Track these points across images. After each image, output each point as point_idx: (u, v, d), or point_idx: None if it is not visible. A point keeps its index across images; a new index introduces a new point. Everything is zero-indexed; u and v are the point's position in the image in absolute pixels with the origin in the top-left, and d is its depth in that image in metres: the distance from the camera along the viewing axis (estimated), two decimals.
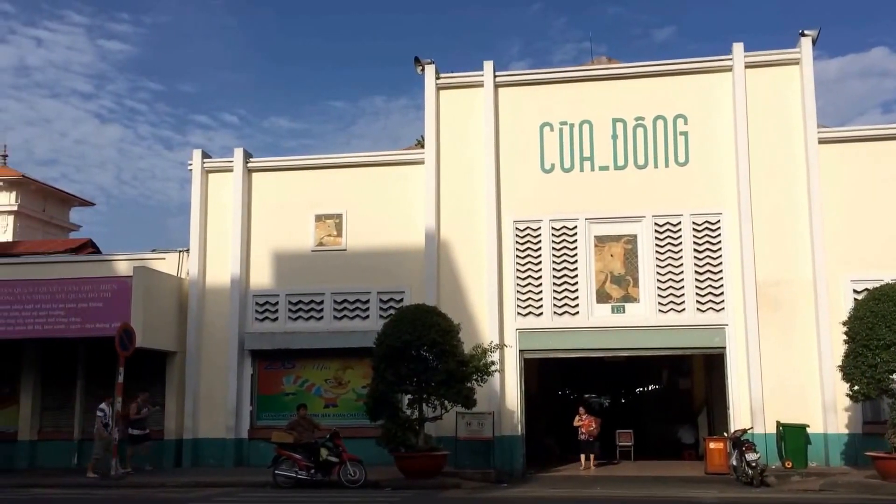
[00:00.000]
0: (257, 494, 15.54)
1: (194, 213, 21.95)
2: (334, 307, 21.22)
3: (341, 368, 21.23)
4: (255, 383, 21.40)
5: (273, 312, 21.46)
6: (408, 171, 21.40)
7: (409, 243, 20.89)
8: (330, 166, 21.90)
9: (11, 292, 19.94)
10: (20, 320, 19.80)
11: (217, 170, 22.20)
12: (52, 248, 27.58)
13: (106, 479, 17.66)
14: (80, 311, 19.69)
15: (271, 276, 21.65)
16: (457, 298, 20.18)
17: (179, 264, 21.98)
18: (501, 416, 19.48)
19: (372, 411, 17.50)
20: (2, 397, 22.27)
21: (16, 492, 16.75)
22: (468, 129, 20.95)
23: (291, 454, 16.71)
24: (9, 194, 40.87)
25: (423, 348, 17.13)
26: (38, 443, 21.73)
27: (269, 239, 21.74)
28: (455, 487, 16.37)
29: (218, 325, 21.33)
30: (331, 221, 21.53)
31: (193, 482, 17.47)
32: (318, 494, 15.25)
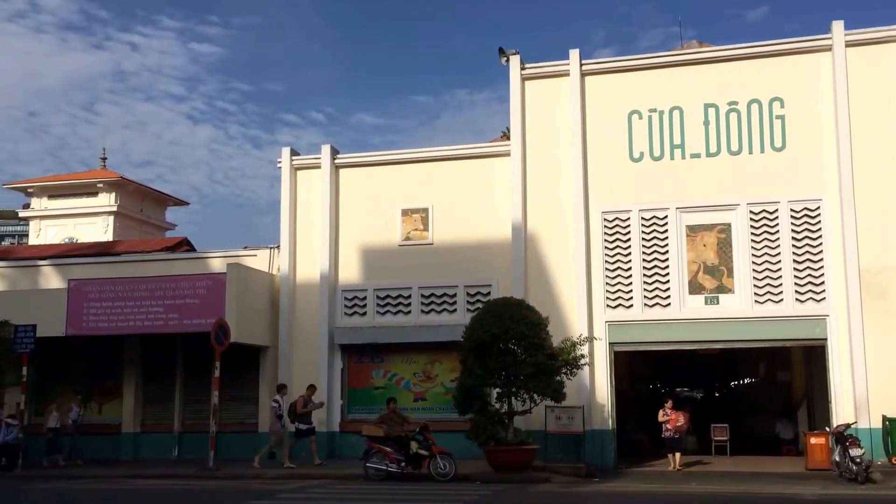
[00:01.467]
0: (349, 487, 15.80)
1: (284, 210, 22.46)
2: (422, 301, 21.39)
3: (429, 362, 21.40)
4: (345, 377, 21.79)
5: (362, 307, 21.78)
6: (493, 164, 21.38)
7: (496, 236, 20.87)
8: (416, 161, 22.07)
9: (114, 290, 20.80)
10: (122, 317, 20.64)
11: (305, 167, 22.65)
12: (150, 247, 28.71)
13: (205, 470, 18.28)
14: (178, 308, 20.40)
15: (359, 271, 21.97)
16: (544, 291, 20.05)
17: (270, 260, 22.55)
18: (591, 409, 19.28)
19: (461, 405, 17.59)
20: (106, 391, 23.29)
21: (120, 482, 17.55)
22: (554, 119, 20.77)
23: (382, 447, 16.94)
24: (108, 195, 42.76)
25: (512, 342, 17.10)
26: (140, 435, 22.66)
27: (356, 234, 22.06)
28: (545, 482, 16.30)
29: (308, 320, 21.79)
30: (417, 216, 21.70)
31: (287, 474, 17.91)
32: (408, 487, 15.40)
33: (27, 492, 16.01)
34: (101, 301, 20.73)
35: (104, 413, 23.18)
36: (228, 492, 15.19)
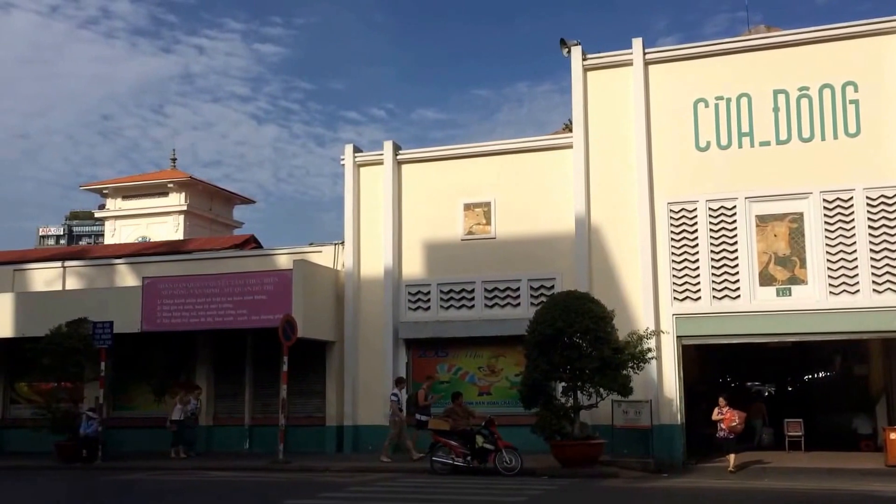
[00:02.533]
0: (416, 480, 15.88)
1: (348, 206, 22.68)
2: (485, 295, 21.36)
3: (494, 356, 21.37)
4: (410, 371, 21.91)
5: (425, 302, 21.87)
6: (556, 156, 21.21)
7: (559, 229, 20.70)
8: (477, 155, 22.03)
9: (186, 287, 21.32)
10: (194, 313, 21.13)
11: (368, 163, 22.82)
12: (219, 245, 29.31)
13: (276, 463, 18.61)
14: (247, 304, 20.78)
15: (423, 266, 22.05)
16: (609, 284, 19.81)
17: (335, 256, 22.81)
18: (659, 404, 18.97)
19: (526, 399, 17.52)
20: (179, 385, 23.83)
21: (195, 473, 18.00)
22: (617, 109, 20.48)
23: (448, 441, 16.98)
24: (179, 195, 43.85)
25: (577, 335, 16.95)
26: (213, 428, 23.19)
27: (419, 229, 22.14)
28: (613, 476, 16.13)
29: (373, 315, 21.97)
30: (479, 210, 21.67)
31: (354, 467, 18.12)
32: (474, 481, 15.41)
33: (105, 482, 16.55)
34: (174, 298, 21.26)
35: None
36: (299, 484, 15.43)
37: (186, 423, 21.25)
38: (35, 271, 25.30)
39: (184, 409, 21.17)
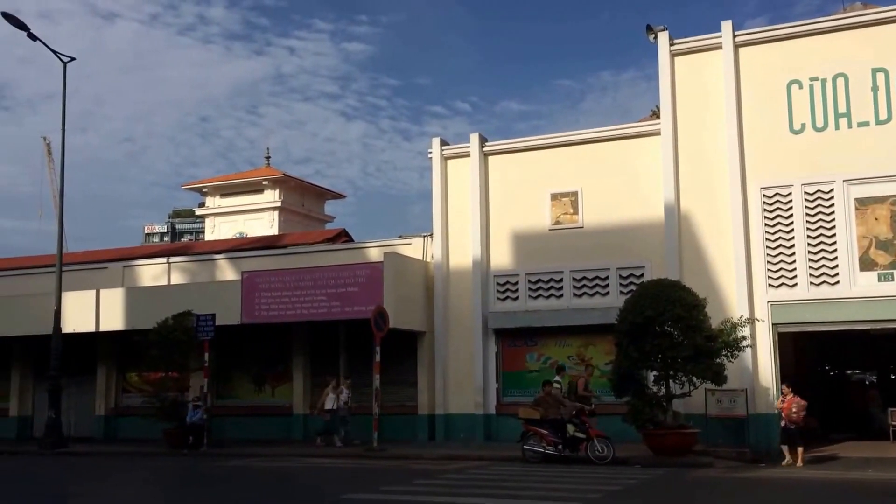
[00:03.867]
0: (508, 468, 15.86)
1: (436, 198, 22.78)
2: (573, 285, 21.14)
3: (583, 345, 21.14)
4: (500, 361, 21.89)
5: (514, 292, 21.79)
6: (643, 144, 20.79)
7: (648, 217, 20.29)
8: (563, 144, 21.78)
9: (281, 280, 21.83)
10: (290, 305, 21.62)
11: (455, 156, 22.86)
12: (312, 239, 29.93)
13: (370, 450, 18.90)
14: (340, 296, 21.13)
15: (510, 257, 21.98)
16: (700, 272, 19.31)
17: (424, 248, 22.96)
18: (755, 392, 18.40)
19: (617, 388, 17.28)
20: (278, 375, 24.52)
21: (294, 460, 18.45)
22: (706, 94, 19.91)
23: (539, 430, 16.89)
24: (273, 192, 44.91)
25: (668, 324, 16.60)
26: (309, 416, 23.68)
27: (506, 220, 22.07)
28: (708, 466, 15.74)
29: (462, 306, 22.03)
30: (566, 199, 21.44)
31: (446, 455, 18.22)
32: (567, 470, 15.28)
33: (212, 467, 17.14)
34: (271, 291, 21.79)
35: (276, 395, 24.42)
36: (394, 471, 15.62)
37: (339, 413, 21.02)
38: (142, 267, 26.36)
39: (337, 398, 21.00)
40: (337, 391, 21.14)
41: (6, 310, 24.90)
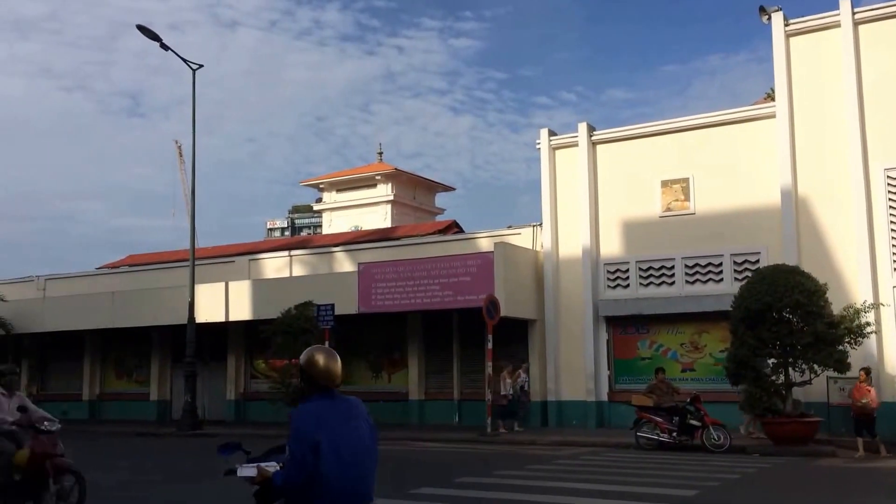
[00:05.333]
0: (622, 455, 15.62)
1: (544, 188, 22.58)
2: (685, 271, 20.54)
3: (697, 332, 20.52)
4: (611, 348, 21.54)
5: (624, 279, 21.38)
6: (757, 127, 19.96)
7: (763, 202, 19.47)
8: (673, 131, 21.16)
9: (395, 271, 22.15)
10: (404, 295, 21.90)
11: (563, 146, 22.59)
12: (424, 231, 30.25)
13: (484, 435, 18.97)
14: (452, 285, 21.26)
15: (620, 244, 21.56)
16: (820, 257, 18.39)
17: (534, 238, 22.81)
18: (881, 380, 17.37)
19: (733, 375, 16.68)
20: (394, 362, 24.94)
21: (409, 444, 18.72)
22: (824, 74, 18.90)
23: (652, 417, 16.54)
24: (385, 186, 45.65)
25: (786, 310, 15.90)
26: (424, 402, 24.00)
27: (616, 208, 21.65)
28: (831, 455, 15.00)
29: (572, 294, 21.78)
30: (677, 186, 20.83)
31: (560, 441, 18.09)
32: (682, 457, 14.89)
33: None
34: (386, 281, 22.15)
35: (393, 382, 24.85)
36: (507, 456, 15.62)
37: (517, 398, 20.61)
38: (266, 261, 27.31)
39: (514, 383, 20.56)
40: (514, 376, 20.68)
41: (146, 302, 26.33)
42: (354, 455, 4.20)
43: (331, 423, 4.20)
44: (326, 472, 4.08)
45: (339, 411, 4.29)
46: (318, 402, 4.30)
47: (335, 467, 4.11)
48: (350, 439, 4.21)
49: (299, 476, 4.13)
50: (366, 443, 4.28)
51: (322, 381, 4.33)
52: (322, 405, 4.27)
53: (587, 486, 11.10)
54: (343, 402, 4.36)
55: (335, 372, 4.35)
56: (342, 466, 4.13)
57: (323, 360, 4.36)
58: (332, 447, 4.13)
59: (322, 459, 4.09)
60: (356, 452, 4.21)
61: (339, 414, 4.27)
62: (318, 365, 4.33)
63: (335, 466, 4.11)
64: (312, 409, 4.26)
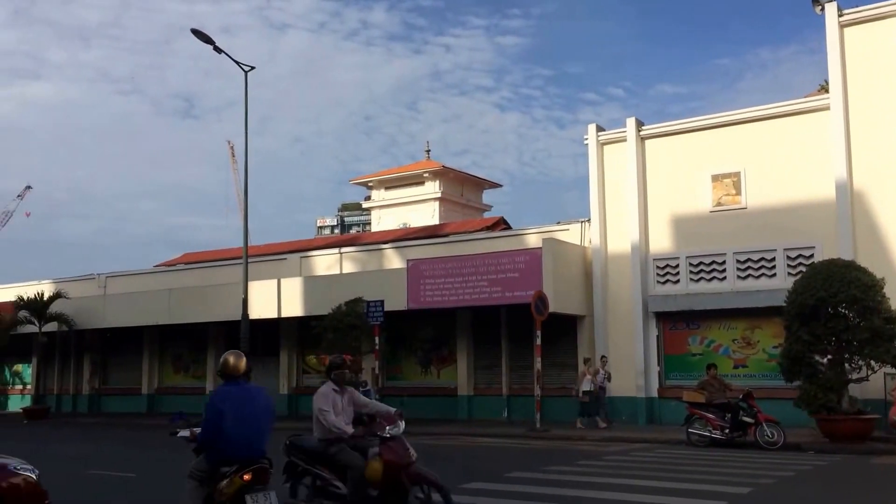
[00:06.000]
0: (672, 451, 15.39)
1: (592, 184, 22.37)
2: (737, 267, 20.17)
3: (749, 328, 20.14)
4: (661, 344, 21.26)
5: (674, 275, 21.07)
6: (810, 120, 19.50)
7: (816, 195, 19.02)
8: (724, 125, 20.79)
9: (444, 267, 22.18)
10: (453, 291, 21.92)
11: (611, 141, 22.36)
12: (472, 228, 30.23)
13: (533, 431, 18.89)
14: (500, 282, 21.20)
15: (670, 240, 21.26)
16: (876, 251, 17.89)
17: (582, 234, 22.62)
18: None
19: (787, 372, 16.32)
20: (443, 358, 24.99)
21: (460, 439, 18.73)
22: (880, 65, 18.38)
23: (704, 413, 16.27)
24: (433, 183, 45.72)
25: (841, 305, 15.49)
26: (473, 397, 24.00)
27: (665, 203, 21.35)
28: (889, 454, 14.55)
29: (621, 289, 21.55)
30: (728, 180, 20.46)
31: (609, 437, 17.92)
32: (735, 454, 14.62)
33: None
34: (435, 278, 22.19)
35: (442, 377, 24.90)
36: (557, 451, 15.53)
37: (596, 394, 20.18)
38: (317, 258, 27.58)
39: (593, 379, 20.16)
40: (592, 371, 20.28)
41: (201, 298, 26.83)
42: (247, 420, 6.40)
43: (233, 399, 6.42)
44: (227, 429, 6.30)
45: (241, 393, 6.51)
46: (227, 386, 6.56)
47: (233, 427, 6.32)
48: (245, 410, 6.42)
49: (210, 434, 6.40)
50: (258, 414, 6.50)
51: (230, 374, 6.60)
52: (228, 388, 6.55)
53: (639, 483, 10.96)
54: (245, 387, 6.61)
55: (239, 368, 6.62)
56: (238, 427, 6.34)
57: (231, 360, 6.63)
58: (232, 415, 6.33)
59: (225, 422, 6.30)
60: (249, 419, 6.41)
61: (240, 394, 6.50)
62: (228, 364, 6.61)
63: (233, 426, 6.32)
64: (222, 390, 6.54)
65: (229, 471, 6.35)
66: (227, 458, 6.37)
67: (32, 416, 28.43)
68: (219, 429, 6.32)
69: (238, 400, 6.43)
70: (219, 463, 6.42)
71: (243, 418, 6.38)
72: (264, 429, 6.54)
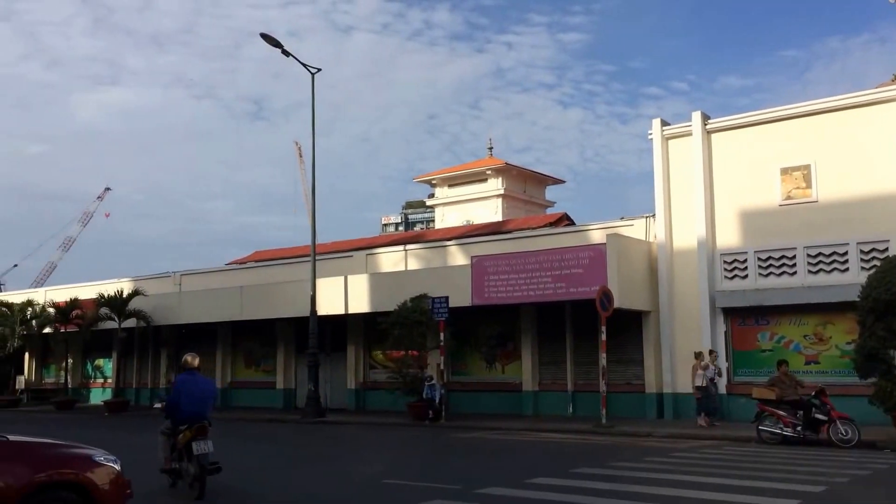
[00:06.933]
0: (742, 449, 15.07)
1: (657, 179, 22.02)
2: (808, 261, 19.60)
3: (821, 324, 19.55)
4: (730, 340, 20.81)
5: (742, 270, 20.60)
6: (883, 111, 18.91)
7: (890, 188, 18.41)
8: (792, 116, 20.21)
9: (508, 264, 22.12)
10: (517, 287, 21.83)
11: (676, 135, 21.97)
12: (535, 224, 30.09)
13: (599, 427, 18.71)
14: (564, 277, 21.04)
15: (738, 234, 20.79)
16: None
17: (647, 229, 22.29)
18: None
19: (861, 369, 15.83)
20: (507, 353, 24.94)
21: (527, 434, 18.72)
22: None
23: (775, 410, 15.89)
24: (496, 180, 45.66)
25: None
26: (538, 393, 23.89)
27: (732, 197, 20.88)
28: None
29: (687, 285, 21.17)
30: (798, 173, 19.89)
31: (677, 433, 17.64)
32: (807, 452, 14.23)
33: (452, 439, 17.83)
34: (499, 274, 22.15)
35: (506, 372, 24.86)
36: (624, 448, 15.38)
37: (708, 390, 19.09)
38: (382, 255, 27.83)
39: (704, 374, 19.06)
40: (703, 366, 19.15)
41: (271, 295, 27.36)
42: (195, 397, 10.19)
43: (187, 384, 10.26)
44: (182, 403, 10.12)
45: (192, 380, 10.36)
46: (183, 375, 10.48)
47: (186, 402, 10.12)
48: (195, 391, 10.21)
49: (172, 406, 10.28)
50: (203, 394, 10.30)
51: (186, 367, 10.51)
52: (185, 377, 10.43)
53: (708, 480, 10.78)
54: (195, 376, 10.45)
55: (192, 364, 10.52)
56: (189, 401, 10.13)
57: (188, 359, 10.59)
58: (186, 394, 10.14)
59: (181, 399, 10.13)
60: (196, 396, 10.20)
61: (192, 381, 10.34)
62: (186, 361, 10.59)
63: (186, 401, 10.12)
64: (180, 379, 10.51)
65: (184, 428, 10.13)
66: (182, 421, 10.17)
67: (113, 409, 29.47)
68: (177, 403, 10.24)
69: (190, 384, 10.33)
70: (177, 423, 10.28)
71: (192, 396, 10.22)
72: (207, 403, 10.38)
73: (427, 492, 10.04)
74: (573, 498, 9.58)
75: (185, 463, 10.09)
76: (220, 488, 10.49)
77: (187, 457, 10.02)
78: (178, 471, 10.28)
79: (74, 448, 7.37)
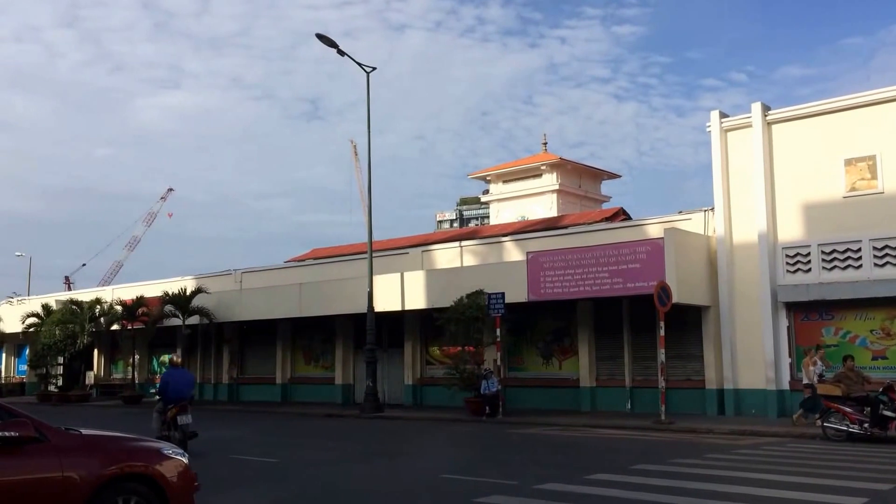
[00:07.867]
0: (807, 446, 14.70)
1: (716, 172, 21.60)
2: (874, 254, 19.01)
3: (888, 318, 18.95)
4: (792, 335, 20.31)
5: (805, 264, 20.08)
6: None
7: None
8: (856, 106, 19.60)
9: (564, 259, 21.98)
10: (573, 283, 21.67)
11: (735, 127, 21.52)
12: (591, 219, 29.83)
13: (659, 423, 18.49)
14: (621, 273, 20.80)
15: (800, 227, 20.27)
16: None
17: (705, 223, 21.89)
18: None
19: None
20: (564, 349, 24.80)
21: (585, 430, 18.59)
22: None
23: (840, 407, 15.47)
24: (551, 175, 45.41)
25: None
26: (596, 389, 23.69)
27: (794, 190, 20.37)
28: None
29: (748, 279, 20.73)
30: (863, 164, 19.29)
31: (738, 430, 17.31)
32: (875, 450, 13.82)
33: (509, 434, 17.83)
34: (555, 269, 22.02)
35: (563, 368, 24.72)
36: (683, 444, 15.18)
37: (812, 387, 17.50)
38: (438, 252, 27.93)
39: (814, 370, 17.77)
40: (813, 362, 17.93)
41: (329, 292, 27.71)
42: (179, 384, 14.68)
43: (174, 375, 14.98)
44: (169, 390, 14.56)
45: (178, 373, 15.24)
46: (171, 370, 15.62)
47: (172, 388, 14.56)
48: (180, 381, 14.80)
49: (162, 390, 14.76)
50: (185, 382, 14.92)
51: (173, 364, 16.03)
52: (172, 371, 15.40)
53: (772, 477, 10.56)
54: (180, 369, 15.69)
55: (177, 362, 16.17)
56: (175, 387, 14.57)
57: (174, 359, 16.45)
58: (172, 382, 14.65)
59: (169, 386, 14.60)
60: (180, 384, 14.72)
61: (177, 374, 15.14)
62: (173, 360, 16.48)
63: (172, 388, 14.56)
64: (169, 371, 15.72)
65: (171, 406, 14.25)
66: (170, 401, 14.33)
67: None
68: (166, 389, 14.54)
69: (176, 375, 14.93)
70: (167, 403, 14.39)
71: (178, 384, 14.59)
72: (189, 387, 14.95)
73: (485, 487, 10.08)
74: (633, 494, 9.49)
75: (173, 431, 14.12)
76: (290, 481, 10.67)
77: (174, 426, 14.18)
78: (168, 437, 13.46)
79: (144, 441, 7.62)
